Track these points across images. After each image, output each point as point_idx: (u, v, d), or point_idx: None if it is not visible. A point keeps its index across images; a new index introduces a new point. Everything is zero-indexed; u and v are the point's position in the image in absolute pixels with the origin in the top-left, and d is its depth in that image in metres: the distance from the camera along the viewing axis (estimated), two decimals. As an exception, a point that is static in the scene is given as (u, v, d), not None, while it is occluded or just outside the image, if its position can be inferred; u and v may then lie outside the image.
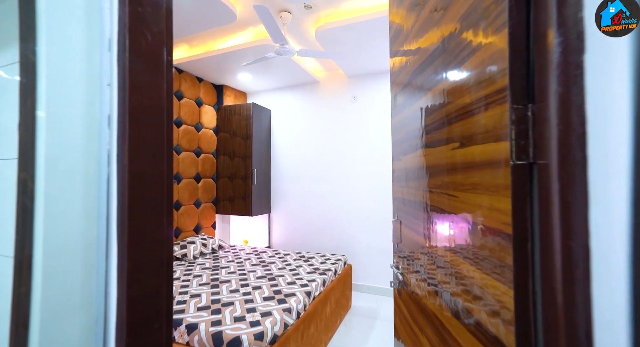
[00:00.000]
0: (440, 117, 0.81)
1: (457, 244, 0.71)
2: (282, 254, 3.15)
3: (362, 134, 3.54)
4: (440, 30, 0.80)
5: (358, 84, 3.58)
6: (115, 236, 0.68)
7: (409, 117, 1.11)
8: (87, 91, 0.72)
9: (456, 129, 0.71)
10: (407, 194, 1.16)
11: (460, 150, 0.69)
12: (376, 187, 3.44)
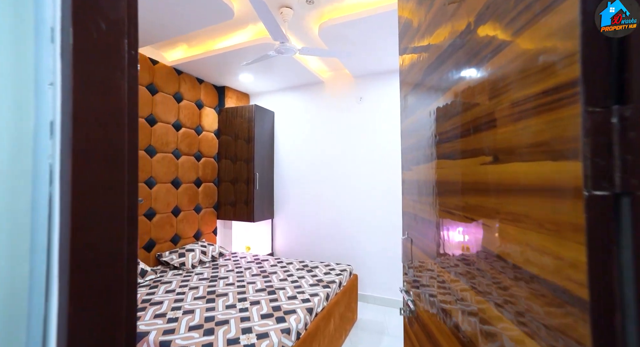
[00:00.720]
0: (463, 122, 0.65)
1: (486, 289, 0.55)
2: (285, 263, 3.00)
3: (369, 136, 3.37)
4: (466, 15, 0.64)
5: (364, 84, 3.41)
6: (56, 290, 0.53)
7: (421, 121, 0.95)
8: (15, 93, 0.58)
9: (487, 139, 0.55)
10: (419, 211, 0.99)
11: (493, 166, 0.53)
12: (384, 191, 3.27)
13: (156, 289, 2.28)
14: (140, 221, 2.76)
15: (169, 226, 3.06)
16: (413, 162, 1.05)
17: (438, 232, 0.81)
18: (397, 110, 3.22)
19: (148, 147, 2.85)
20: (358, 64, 3.09)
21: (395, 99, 3.23)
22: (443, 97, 0.76)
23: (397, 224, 3.16)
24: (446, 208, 0.75)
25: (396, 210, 3.17)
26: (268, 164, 3.83)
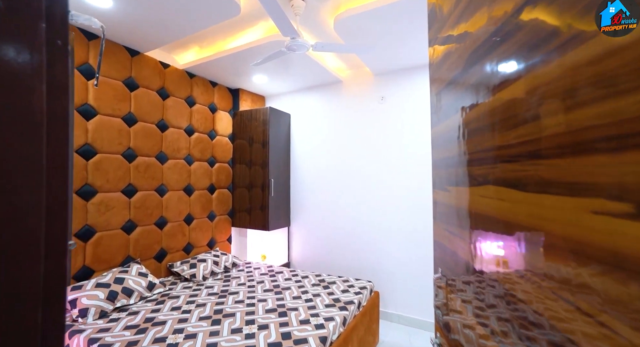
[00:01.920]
0: (549, 133, 0.39)
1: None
2: (300, 277, 2.79)
3: (392, 139, 3.09)
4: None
5: (386, 82, 3.13)
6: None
7: (459, 126, 0.69)
8: None
9: (615, 169, 0.29)
10: (459, 248, 0.73)
11: (634, 224, 0.27)
12: (409, 200, 2.97)
13: (162, 306, 2.14)
14: (150, 230, 2.66)
15: (181, 235, 2.95)
16: (449, 181, 0.80)
17: (496, 292, 0.55)
18: (424, 110, 2.91)
19: (159, 153, 2.75)
20: (379, 60, 2.82)
21: (423, 98, 2.93)
22: (494, 96, 0.51)
23: (425, 235, 2.85)
24: (525, 273, 0.49)
25: (424, 221, 2.86)
26: (284, 169, 3.64)
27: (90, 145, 2.25)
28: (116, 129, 2.41)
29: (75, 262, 2.16)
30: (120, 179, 2.43)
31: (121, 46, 2.46)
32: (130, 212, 2.50)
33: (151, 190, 2.67)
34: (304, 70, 3.08)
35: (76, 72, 2.18)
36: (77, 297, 1.97)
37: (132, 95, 2.54)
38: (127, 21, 2.12)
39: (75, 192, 2.17)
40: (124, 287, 2.16)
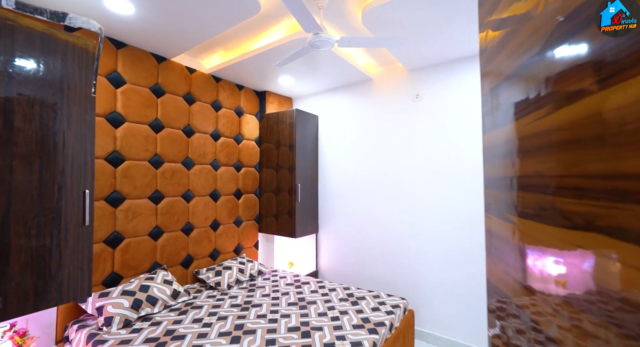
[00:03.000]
0: None
1: None
2: (327, 290, 2.62)
3: (429, 140, 2.80)
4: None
5: (422, 78, 2.85)
6: None
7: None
8: None
9: None
10: (529, 306, 0.51)
11: None
12: (449, 209, 2.67)
13: (184, 316, 2.09)
14: (177, 236, 2.65)
15: (207, 241, 2.92)
16: (512, 208, 0.57)
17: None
18: (466, 109, 2.60)
19: (185, 159, 2.74)
20: (413, 54, 2.56)
21: (464, 95, 2.61)
22: (601, 93, 0.29)
23: (470, 251, 2.54)
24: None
25: (468, 235, 2.55)
26: (311, 174, 3.50)
27: (118, 153, 2.27)
28: (143, 135, 2.42)
29: (105, 269, 2.19)
30: (147, 186, 2.44)
31: (148, 53, 2.47)
32: (157, 218, 2.50)
33: (177, 196, 2.66)
34: (331, 69, 2.91)
35: (105, 80, 2.21)
36: (104, 305, 1.97)
37: (159, 102, 2.55)
38: (150, 27, 2.10)
39: (104, 199, 2.19)
40: (148, 295, 2.14)
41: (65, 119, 1.57)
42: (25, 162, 1.44)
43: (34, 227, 1.46)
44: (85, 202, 1.62)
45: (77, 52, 1.62)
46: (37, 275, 1.47)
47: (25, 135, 1.44)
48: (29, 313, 1.45)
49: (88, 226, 1.64)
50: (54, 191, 1.52)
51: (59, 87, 1.55)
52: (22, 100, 1.43)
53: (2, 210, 1.37)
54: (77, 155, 1.61)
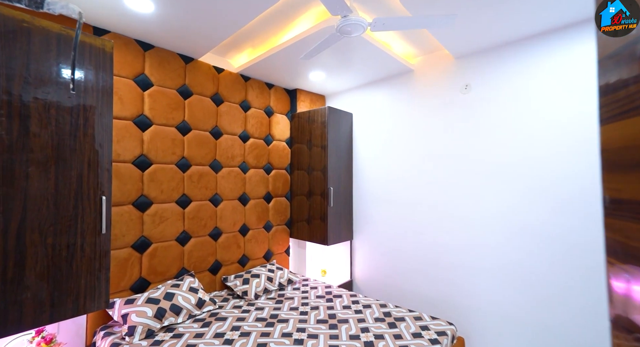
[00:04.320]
0: None
1: None
2: (361, 305, 2.35)
3: (482, 138, 2.40)
4: None
5: (472, 66, 2.45)
6: None
7: None
8: None
9: None
10: None
11: None
12: (509, 219, 2.24)
13: (207, 329, 1.97)
14: (204, 241, 2.58)
15: (235, 247, 2.81)
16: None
17: None
18: (532, 100, 2.16)
19: (213, 162, 2.65)
20: (462, 36, 2.18)
21: (529, 83, 2.17)
22: None
23: (535, 271, 2.11)
24: None
25: (531, 250, 2.12)
26: (345, 176, 3.24)
27: (145, 156, 2.23)
28: (170, 138, 2.37)
29: (132, 274, 2.16)
30: (174, 190, 2.38)
31: (175, 54, 2.41)
32: (184, 223, 2.44)
33: (205, 200, 2.58)
34: (365, 61, 2.63)
35: (132, 83, 2.18)
36: (129, 313, 1.92)
37: (186, 103, 2.48)
38: (173, 26, 2.01)
39: (132, 204, 2.16)
40: (172, 304, 2.06)
41: (82, 123, 1.51)
42: (41, 168, 1.39)
43: (50, 236, 1.41)
44: (102, 209, 1.55)
45: (93, 53, 1.56)
46: (53, 285, 1.42)
47: (41, 140, 1.39)
48: (44, 325, 1.41)
49: (105, 233, 1.57)
50: (70, 197, 1.47)
51: (75, 90, 1.49)
52: (38, 104, 1.39)
53: (18, 218, 1.33)
54: (94, 160, 1.55)
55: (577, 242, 1.95)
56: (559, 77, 2.04)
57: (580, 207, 1.94)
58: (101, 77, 1.58)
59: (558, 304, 2.02)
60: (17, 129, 1.33)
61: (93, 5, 1.76)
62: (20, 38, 1.34)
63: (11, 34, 1.32)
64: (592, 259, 1.90)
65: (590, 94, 1.91)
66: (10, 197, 1.30)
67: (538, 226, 2.10)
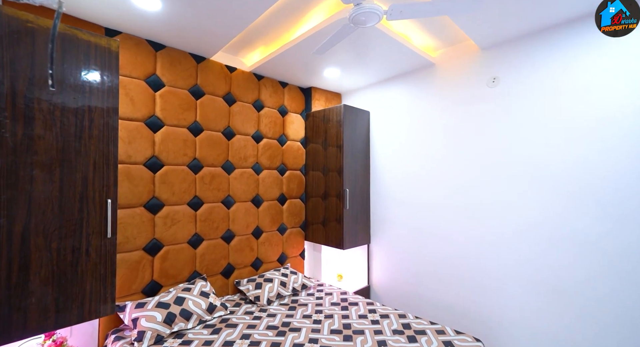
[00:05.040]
0: None
1: None
2: (378, 315, 2.20)
3: (511, 136, 2.19)
4: None
5: (500, 56, 2.24)
6: None
7: None
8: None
9: None
10: None
11: None
12: (543, 226, 2.03)
13: (216, 337, 1.90)
14: (217, 244, 2.52)
15: (248, 250, 2.75)
16: None
17: None
18: (570, 92, 1.93)
19: (225, 163, 2.60)
20: (489, 24, 1.99)
21: (567, 75, 1.95)
22: None
23: (573, 284, 1.89)
24: None
25: (568, 260, 1.90)
26: (362, 177, 3.10)
27: (157, 158, 2.20)
28: (181, 139, 2.33)
29: (144, 277, 2.13)
30: (186, 192, 2.34)
31: (186, 53, 2.37)
32: (196, 225, 2.40)
33: (217, 202, 2.53)
34: (383, 55, 2.48)
35: (143, 83, 2.15)
36: (139, 317, 1.89)
37: (198, 103, 2.44)
38: (182, 24, 1.96)
39: (143, 206, 2.14)
40: (182, 309, 2.01)
41: (87, 125, 1.48)
42: (46, 171, 1.36)
43: (54, 240, 1.38)
44: (108, 213, 1.51)
45: (99, 53, 1.52)
46: (58, 290, 1.39)
47: (46, 142, 1.36)
48: (49, 331, 1.38)
49: (111, 237, 1.53)
50: (75, 200, 1.43)
51: (80, 90, 1.46)
52: (43, 106, 1.36)
53: (22, 221, 1.30)
54: (100, 163, 1.51)
55: (621, 251, 1.71)
56: (605, 67, 1.80)
57: (627, 214, 1.70)
58: (107, 77, 1.54)
59: (598, 320, 1.78)
60: (21, 131, 1.30)
61: (102, 5, 1.74)
62: (25, 38, 1.32)
63: (15, 35, 1.30)
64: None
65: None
66: (15, 201, 1.28)
67: (576, 234, 1.87)
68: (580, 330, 1.85)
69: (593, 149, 1.84)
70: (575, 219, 1.88)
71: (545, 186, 2.01)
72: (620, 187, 1.74)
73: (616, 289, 1.74)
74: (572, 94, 1.91)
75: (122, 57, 2.04)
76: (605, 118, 1.80)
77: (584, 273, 1.85)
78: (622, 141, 1.74)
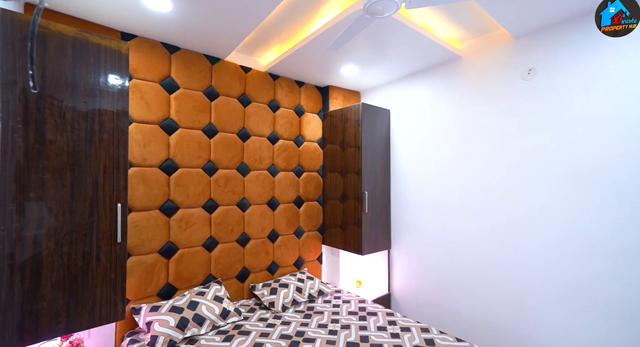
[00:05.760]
0: None
1: None
2: (399, 328, 2.06)
3: (549, 134, 1.96)
4: None
5: (536, 45, 2.02)
6: None
7: None
8: None
9: None
10: None
11: None
12: (584, 231, 1.79)
13: (228, 344, 1.85)
14: (232, 247, 2.49)
15: (264, 253, 2.69)
16: None
17: None
18: (616, 86, 1.69)
19: (240, 165, 2.55)
20: (524, 9, 1.78)
21: (616, 64, 1.70)
22: None
23: (621, 300, 1.65)
24: None
25: (615, 268, 1.66)
26: (382, 179, 2.95)
27: (171, 160, 2.19)
28: (196, 141, 2.31)
29: (159, 280, 2.13)
30: (200, 194, 2.32)
31: (200, 55, 2.35)
32: (210, 228, 2.37)
33: (232, 205, 2.49)
34: (403, 49, 2.33)
35: (158, 86, 2.15)
36: (152, 321, 1.87)
37: (212, 105, 2.41)
38: (194, 25, 1.93)
39: (159, 209, 2.13)
40: (195, 314, 1.98)
41: (97, 128, 1.46)
42: (57, 175, 1.36)
43: (65, 244, 1.37)
44: (117, 217, 1.50)
45: (109, 56, 1.51)
46: (68, 295, 1.38)
47: (57, 147, 1.36)
48: (60, 336, 1.37)
49: (121, 242, 1.51)
50: (85, 205, 1.42)
51: (90, 93, 1.45)
52: (54, 109, 1.36)
53: (34, 226, 1.30)
54: (110, 166, 1.49)
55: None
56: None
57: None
58: (117, 79, 1.53)
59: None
60: (33, 135, 1.31)
61: (116, 8, 1.74)
62: (37, 44, 1.32)
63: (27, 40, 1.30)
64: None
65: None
66: (27, 205, 1.28)
67: (631, 244, 1.63)
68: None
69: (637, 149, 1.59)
70: (630, 228, 1.64)
71: (591, 190, 1.77)
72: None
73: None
74: (621, 87, 1.66)
75: (137, 60, 2.04)
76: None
77: (635, 288, 1.60)
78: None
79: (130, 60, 2.00)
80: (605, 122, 1.72)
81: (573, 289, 1.83)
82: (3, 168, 1.23)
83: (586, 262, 1.78)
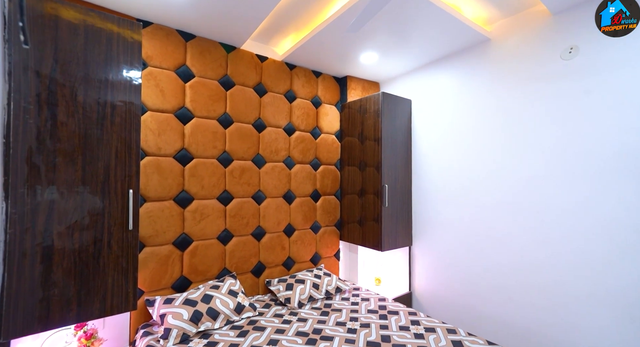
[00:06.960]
0: None
1: None
2: (423, 328, 1.91)
3: (593, 119, 1.76)
4: None
5: (578, 21, 1.82)
6: None
7: None
8: None
9: None
10: None
11: None
12: (633, 227, 1.59)
13: (242, 340, 1.77)
14: (247, 241, 2.42)
15: (280, 248, 2.61)
16: None
17: None
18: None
19: (256, 156, 2.48)
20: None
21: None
22: None
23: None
24: None
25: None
26: (403, 173, 2.81)
27: (186, 150, 2.15)
28: (211, 131, 2.25)
29: (174, 272, 2.08)
30: (215, 186, 2.26)
31: (216, 43, 2.30)
32: (225, 221, 2.31)
33: (247, 197, 2.43)
34: (427, 33, 2.18)
35: (173, 74, 2.11)
36: (166, 314, 1.83)
37: (228, 94, 2.35)
38: (207, 10, 1.87)
39: (173, 199, 2.09)
40: (209, 308, 1.91)
41: (109, 111, 1.42)
42: (68, 158, 1.32)
43: (76, 230, 1.33)
44: (129, 203, 1.45)
45: (121, 41, 1.46)
46: (80, 283, 1.34)
47: (68, 129, 1.32)
48: (71, 324, 1.33)
49: (132, 230, 1.46)
50: (97, 190, 1.38)
51: (102, 75, 1.41)
52: (65, 91, 1.32)
53: (46, 210, 1.27)
54: (122, 151, 1.45)
55: None
56: None
57: None
58: (129, 64, 1.48)
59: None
60: (44, 117, 1.27)
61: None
62: (48, 23, 1.29)
63: (40, 19, 1.27)
64: None
65: None
66: (39, 189, 1.25)
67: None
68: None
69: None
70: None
71: (636, 181, 1.57)
72: None
73: None
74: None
75: (153, 48, 2.01)
76: None
77: None
78: None
79: (145, 47, 1.97)
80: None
81: (621, 292, 1.63)
82: (15, 149, 1.20)
83: (630, 265, 1.58)
